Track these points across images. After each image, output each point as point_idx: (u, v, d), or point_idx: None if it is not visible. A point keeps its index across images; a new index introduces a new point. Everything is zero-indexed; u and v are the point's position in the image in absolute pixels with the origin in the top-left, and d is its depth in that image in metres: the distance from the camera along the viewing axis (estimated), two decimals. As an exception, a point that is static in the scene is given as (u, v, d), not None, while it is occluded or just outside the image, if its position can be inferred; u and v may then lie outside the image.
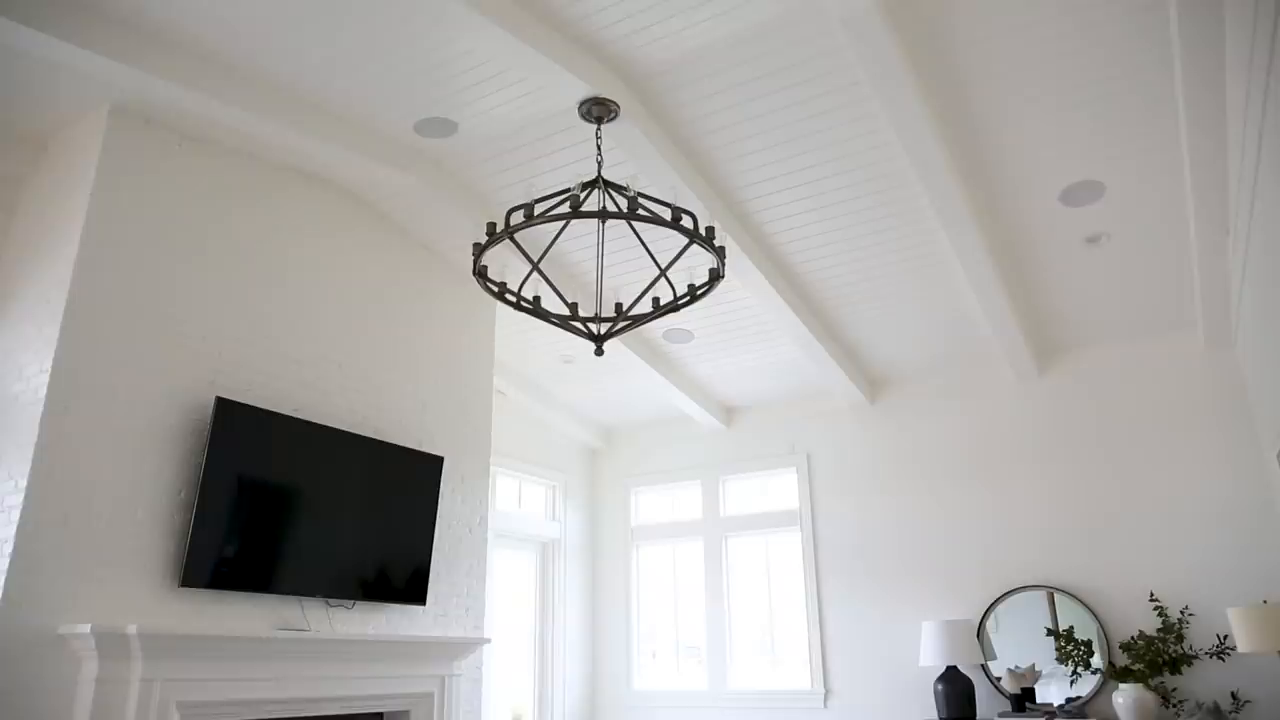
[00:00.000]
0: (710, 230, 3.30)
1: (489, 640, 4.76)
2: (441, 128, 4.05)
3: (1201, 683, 4.89)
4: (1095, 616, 5.24)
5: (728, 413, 6.99)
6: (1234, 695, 4.78)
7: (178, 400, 3.71)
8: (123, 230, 3.65)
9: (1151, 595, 5.13)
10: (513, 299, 3.52)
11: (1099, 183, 4.10)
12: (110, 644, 3.17)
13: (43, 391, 3.30)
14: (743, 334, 5.79)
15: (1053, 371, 5.78)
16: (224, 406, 3.72)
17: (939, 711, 5.24)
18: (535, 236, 4.37)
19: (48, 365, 3.34)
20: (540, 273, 3.44)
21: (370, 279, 4.69)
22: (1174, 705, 4.85)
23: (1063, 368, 5.75)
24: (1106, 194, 4.18)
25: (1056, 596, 5.40)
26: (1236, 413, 5.15)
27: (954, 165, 3.94)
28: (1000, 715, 5.10)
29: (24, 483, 3.19)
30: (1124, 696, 4.75)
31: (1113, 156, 3.93)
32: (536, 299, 3.54)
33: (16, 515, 3.16)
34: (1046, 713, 4.98)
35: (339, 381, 4.40)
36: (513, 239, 3.31)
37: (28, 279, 3.70)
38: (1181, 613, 5.01)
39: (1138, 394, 5.48)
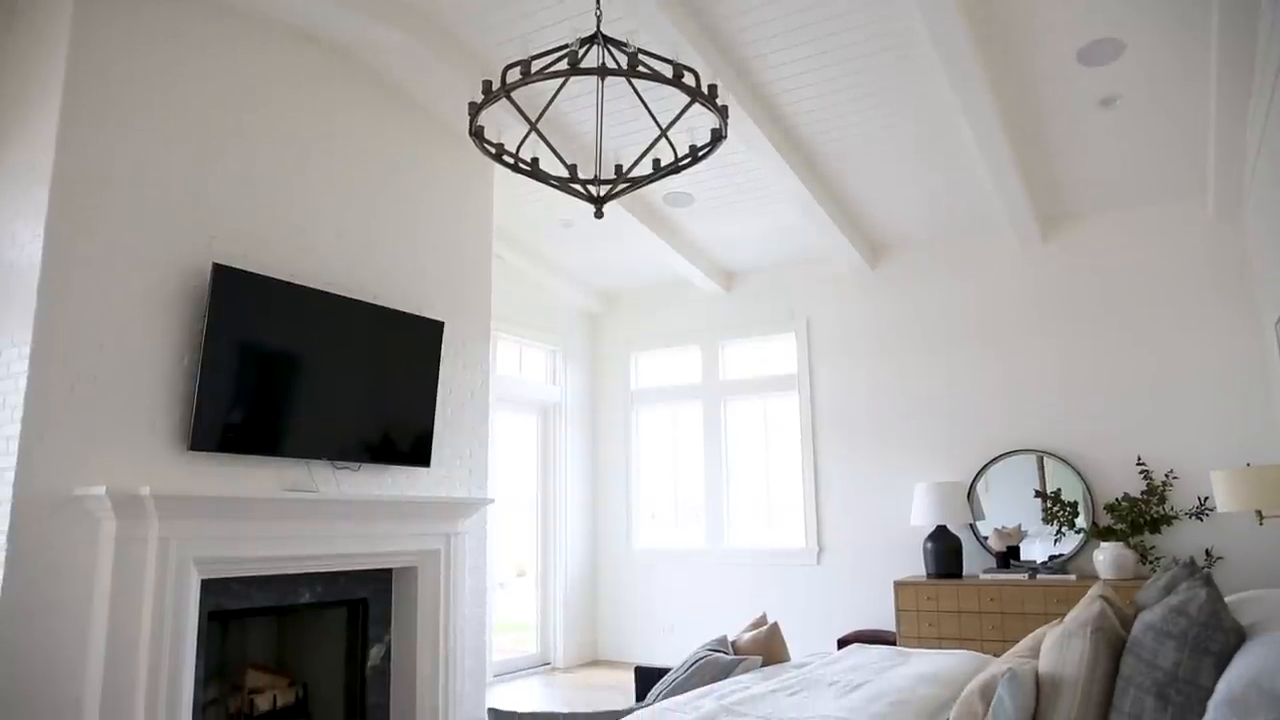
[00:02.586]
0: (713, 88, 3.17)
1: (492, 500, 4.90)
2: (432, -22, 3.85)
3: (1178, 542, 5.08)
4: (1083, 479, 5.39)
5: (728, 277, 6.96)
6: (1208, 552, 4.98)
7: (175, 266, 3.67)
8: (106, 91, 3.51)
9: (1139, 459, 5.26)
10: (510, 160, 3.43)
11: (1119, 40, 3.93)
12: (126, 505, 3.26)
13: (38, 257, 3.27)
14: (744, 198, 5.69)
15: (1056, 238, 5.72)
16: (221, 273, 3.69)
17: (927, 568, 5.47)
18: (533, 96, 4.22)
19: (40, 231, 3.30)
20: (538, 133, 3.33)
21: (366, 142, 4.57)
22: (1150, 562, 5.06)
23: (1066, 234, 5.69)
24: (1126, 53, 4.02)
25: (1046, 460, 5.53)
26: (1237, 283, 5.13)
27: (967, 18, 3.76)
28: (985, 571, 5.33)
29: (28, 349, 3.21)
30: (1104, 553, 4.95)
31: (1137, 11, 3.75)
32: (535, 160, 3.44)
33: (24, 382, 3.19)
34: (1029, 569, 5.20)
35: (337, 247, 4.36)
36: (509, 98, 3.19)
37: (12, 144, 3.59)
38: (1166, 476, 5.15)
39: (1140, 262, 5.44)
